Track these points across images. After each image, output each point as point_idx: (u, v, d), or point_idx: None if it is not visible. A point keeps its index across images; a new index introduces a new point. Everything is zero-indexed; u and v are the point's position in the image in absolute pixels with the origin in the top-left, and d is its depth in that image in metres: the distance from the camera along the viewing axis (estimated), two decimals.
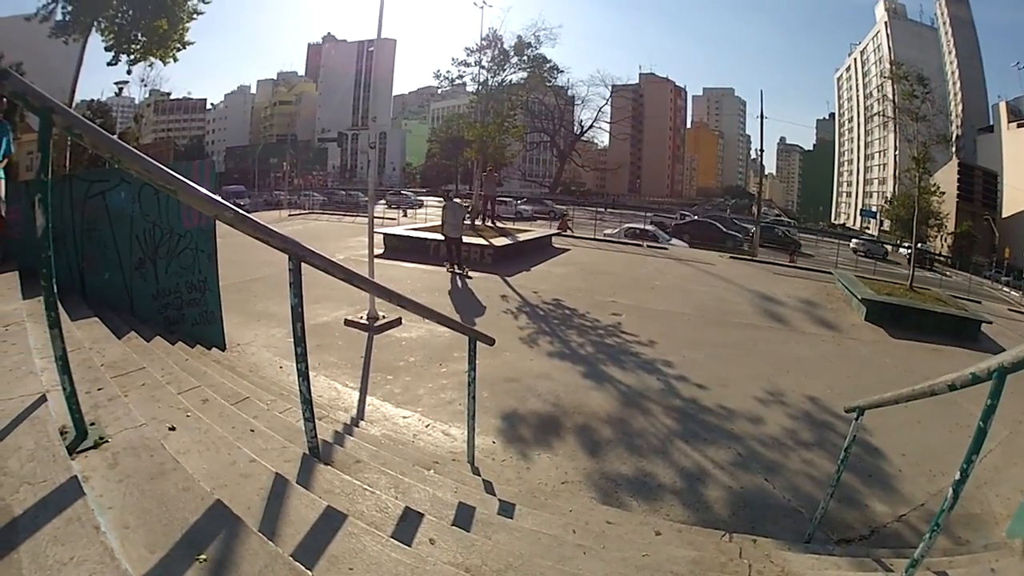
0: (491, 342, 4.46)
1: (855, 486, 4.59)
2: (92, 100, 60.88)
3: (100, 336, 4.25)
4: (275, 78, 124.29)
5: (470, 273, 12.19)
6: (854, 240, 46.58)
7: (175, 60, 12.39)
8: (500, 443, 5.09)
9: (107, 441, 2.13)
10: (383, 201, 44.04)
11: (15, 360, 2.57)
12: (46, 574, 1.27)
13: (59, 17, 9.64)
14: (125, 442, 2.13)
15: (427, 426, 5.35)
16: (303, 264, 2.61)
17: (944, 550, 3.46)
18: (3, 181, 5.85)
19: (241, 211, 2.44)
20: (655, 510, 4.16)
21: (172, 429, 2.60)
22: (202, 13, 10.22)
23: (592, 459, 4.88)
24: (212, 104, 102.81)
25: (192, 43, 10.85)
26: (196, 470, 2.06)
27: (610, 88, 66.62)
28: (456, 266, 12.30)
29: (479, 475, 4.25)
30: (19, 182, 7.02)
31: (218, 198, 2.42)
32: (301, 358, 2.65)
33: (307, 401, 2.74)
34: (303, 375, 2.67)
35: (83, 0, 9.03)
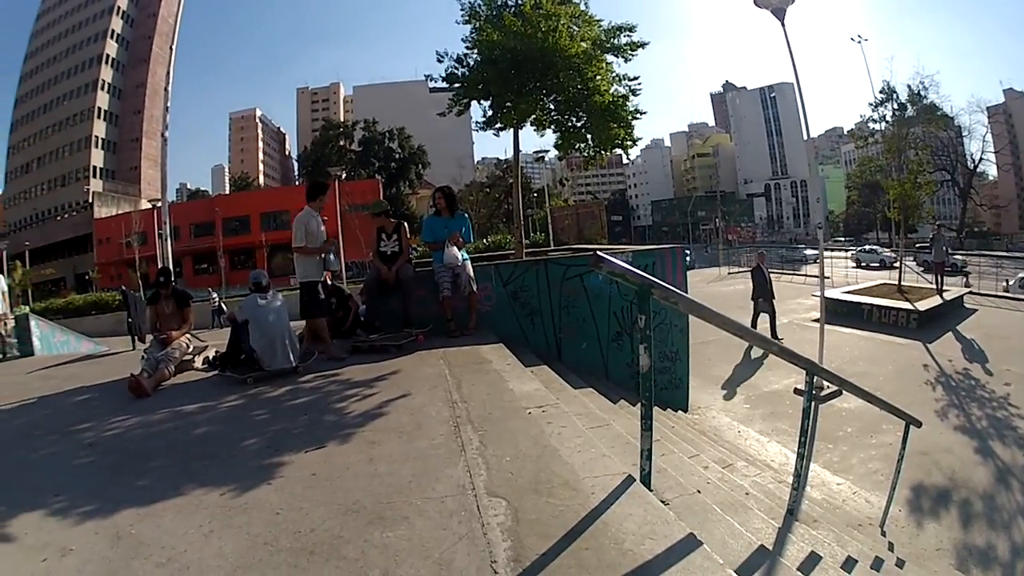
0: (919, 424, 5.41)
1: None
2: (498, 159, 74.44)
3: (604, 407, 5.51)
4: (686, 130, 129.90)
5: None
6: None
7: (626, 154, 14.40)
8: (904, 512, 6.10)
9: (668, 503, 3.15)
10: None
11: (577, 443, 3.27)
12: None
13: (480, 119, 11.92)
14: (683, 505, 3.19)
15: (854, 493, 6.44)
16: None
17: None
18: (468, 263, 6.48)
19: (765, 335, 3.36)
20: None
21: (698, 492, 3.61)
22: (644, 113, 11.83)
23: (962, 530, 5.84)
24: (628, 159, 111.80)
25: (640, 138, 12.38)
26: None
27: (985, 112, 51.98)
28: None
29: (885, 536, 5.34)
30: (491, 264, 8.18)
31: (733, 319, 3.23)
32: (802, 444, 3.66)
33: (798, 475, 3.80)
34: (801, 456, 3.71)
35: (505, 111, 11.02)
